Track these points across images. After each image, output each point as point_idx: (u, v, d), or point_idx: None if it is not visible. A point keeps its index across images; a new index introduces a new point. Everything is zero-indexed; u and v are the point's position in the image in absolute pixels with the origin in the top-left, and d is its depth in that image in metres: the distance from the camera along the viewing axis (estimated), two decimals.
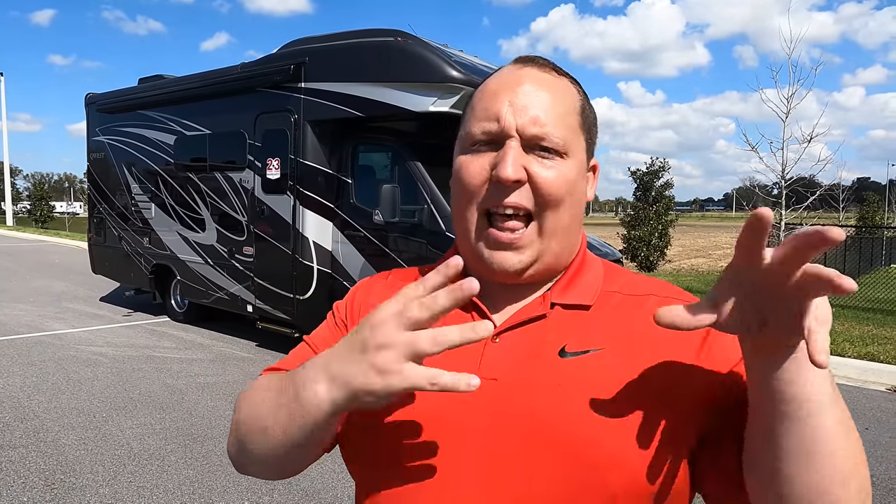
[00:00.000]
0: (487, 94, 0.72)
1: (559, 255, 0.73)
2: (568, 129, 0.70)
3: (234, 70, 6.83)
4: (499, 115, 0.68)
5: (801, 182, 10.66)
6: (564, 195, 0.69)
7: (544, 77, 0.72)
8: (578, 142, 0.72)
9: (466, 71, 5.26)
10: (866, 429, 4.61)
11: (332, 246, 6.09)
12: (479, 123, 0.70)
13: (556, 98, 0.70)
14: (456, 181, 0.73)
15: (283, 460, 0.69)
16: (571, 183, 0.70)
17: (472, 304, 0.73)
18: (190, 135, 7.37)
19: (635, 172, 17.66)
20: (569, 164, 0.70)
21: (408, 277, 0.83)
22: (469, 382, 0.53)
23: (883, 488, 3.59)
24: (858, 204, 36.04)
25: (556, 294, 0.73)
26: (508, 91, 0.70)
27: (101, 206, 9.00)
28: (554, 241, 0.71)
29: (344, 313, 0.82)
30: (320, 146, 6.06)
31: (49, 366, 5.79)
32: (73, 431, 4.17)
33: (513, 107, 0.68)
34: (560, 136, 0.69)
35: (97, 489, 3.36)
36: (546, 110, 0.69)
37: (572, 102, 0.72)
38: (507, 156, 0.67)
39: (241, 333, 7.27)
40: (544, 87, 0.70)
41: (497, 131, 0.69)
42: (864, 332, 7.67)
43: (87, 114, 9.07)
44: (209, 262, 7.21)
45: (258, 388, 0.73)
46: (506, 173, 0.66)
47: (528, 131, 0.68)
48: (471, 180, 0.70)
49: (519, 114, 0.68)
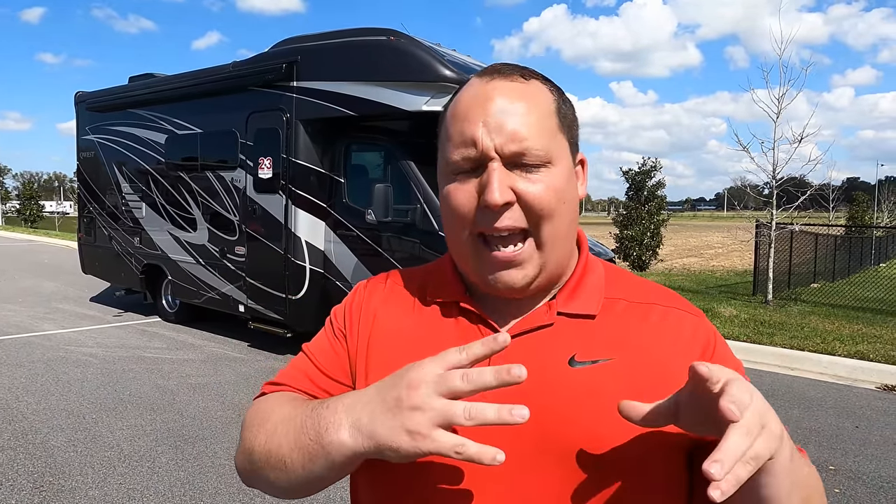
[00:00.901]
0: (459, 116, 0.69)
1: (561, 262, 0.73)
2: (548, 137, 0.68)
3: (225, 69, 6.79)
4: (475, 139, 0.66)
5: (791, 182, 10.74)
6: (556, 206, 0.68)
7: (513, 87, 0.69)
8: (561, 145, 0.70)
9: (459, 70, 5.25)
10: (856, 427, 4.65)
11: (324, 245, 6.07)
12: (457, 150, 0.68)
13: (529, 106, 0.68)
14: (445, 209, 0.72)
15: (301, 489, 0.69)
16: (561, 191, 0.69)
17: (478, 317, 0.73)
18: (181, 134, 7.32)
19: (627, 172, 17.71)
20: (555, 171, 0.68)
21: (409, 280, 0.82)
22: (495, 457, 0.54)
23: (873, 486, 3.62)
24: (848, 204, 36.32)
25: (561, 303, 0.73)
26: (480, 110, 0.67)
27: (92, 205, 8.93)
28: (554, 251, 0.71)
29: (343, 321, 0.81)
30: (313, 145, 6.04)
31: (38, 367, 5.73)
32: (63, 433, 4.13)
33: (487, 127, 0.66)
34: (541, 147, 0.67)
35: (87, 491, 3.32)
36: (522, 123, 0.66)
37: (546, 105, 0.70)
38: (491, 181, 0.66)
39: (233, 334, 7.23)
40: (516, 98, 0.68)
41: (476, 156, 0.67)
42: (854, 331, 7.73)
43: (76, 112, 8.99)
44: (201, 261, 7.17)
45: (270, 412, 0.71)
46: (493, 199, 0.65)
47: (507, 149, 0.66)
48: (460, 209, 0.69)
49: (495, 133, 0.66)
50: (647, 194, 17.45)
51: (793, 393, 5.50)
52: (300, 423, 0.64)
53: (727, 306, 9.30)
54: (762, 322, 8.23)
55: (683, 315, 0.74)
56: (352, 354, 0.77)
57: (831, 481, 3.67)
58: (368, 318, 0.78)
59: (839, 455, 4.09)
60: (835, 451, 4.16)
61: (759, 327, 7.86)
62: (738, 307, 9.40)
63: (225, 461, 3.73)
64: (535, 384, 0.67)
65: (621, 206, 18.78)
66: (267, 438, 0.68)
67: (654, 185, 17.49)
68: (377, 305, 0.80)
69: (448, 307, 0.75)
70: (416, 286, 0.81)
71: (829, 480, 3.69)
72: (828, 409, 5.05)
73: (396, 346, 0.74)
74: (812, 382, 5.95)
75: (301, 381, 0.77)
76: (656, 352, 0.69)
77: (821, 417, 4.83)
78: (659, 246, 17.77)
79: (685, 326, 0.72)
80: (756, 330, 7.67)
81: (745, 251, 14.70)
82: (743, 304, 9.86)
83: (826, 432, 4.52)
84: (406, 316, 0.77)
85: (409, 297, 0.80)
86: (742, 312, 8.90)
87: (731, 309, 9.07)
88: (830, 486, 3.61)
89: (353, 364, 0.76)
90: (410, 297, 0.80)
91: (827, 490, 3.50)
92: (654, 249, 17.54)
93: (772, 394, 5.42)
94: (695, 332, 0.72)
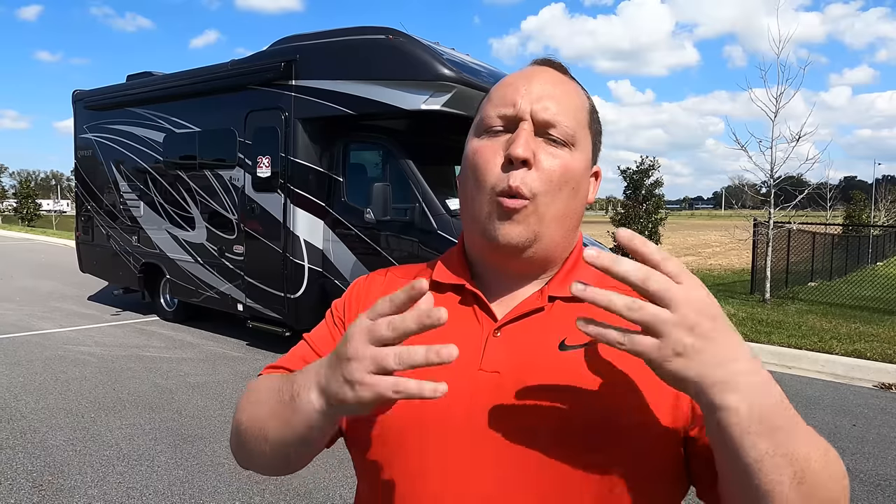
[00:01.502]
0: (504, 84, 0.76)
1: (557, 244, 0.74)
2: (577, 122, 0.74)
3: (224, 67, 6.78)
4: (514, 101, 0.72)
5: (789, 181, 10.76)
6: (564, 182, 0.71)
7: (556, 75, 0.76)
8: (586, 138, 0.75)
9: (458, 69, 5.25)
10: (854, 425, 4.67)
11: (323, 244, 6.07)
12: (496, 108, 0.74)
13: (568, 93, 0.75)
14: (469, 164, 0.75)
15: (285, 458, 0.72)
16: (574, 173, 0.72)
17: (473, 297, 0.76)
18: (179, 132, 7.31)
19: (625, 171, 17.72)
20: (575, 155, 0.73)
21: (407, 275, 0.84)
22: (435, 388, 0.54)
23: (870, 484, 3.64)
24: (845, 202, 36.37)
25: (553, 287, 0.74)
26: (524, 81, 0.74)
27: (89, 204, 8.91)
28: (552, 225, 0.72)
29: (342, 311, 0.83)
30: (311, 144, 6.04)
31: (36, 366, 5.72)
32: (61, 432, 4.13)
33: (528, 93, 0.72)
34: (569, 125, 0.72)
35: (86, 490, 3.32)
36: (558, 101, 0.73)
37: (582, 102, 0.76)
38: (519, 136, 0.70)
39: (232, 332, 7.23)
40: (557, 83, 0.75)
41: (512, 115, 0.72)
42: (851, 330, 7.75)
43: (74, 111, 8.97)
44: (199, 260, 7.16)
45: (258, 389, 0.75)
46: (516, 151, 0.69)
47: (539, 116, 0.71)
48: (485, 163, 0.73)
49: (533, 100, 0.72)
50: (644, 193, 17.47)
51: (790, 391, 5.51)
52: (280, 389, 0.67)
53: (725, 305, 9.32)
54: (760, 320, 8.25)
55: None
56: None
57: None
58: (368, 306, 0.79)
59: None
60: None
61: (756, 326, 7.88)
62: (736, 306, 9.42)
63: (224, 460, 3.73)
64: (526, 369, 0.69)
65: (619, 205, 18.79)
66: (251, 411, 0.72)
67: (651, 184, 17.51)
68: (376, 295, 0.80)
69: (448, 290, 0.78)
70: (416, 276, 0.81)
71: None
72: (825, 408, 5.06)
73: None
74: (809, 381, 5.97)
75: (299, 365, 0.78)
76: None
77: (818, 416, 4.85)
78: (657, 244, 17.80)
79: None
80: (753, 328, 7.69)
81: (743, 250, 14.73)
82: (740, 303, 9.88)
83: (823, 431, 4.51)
84: None
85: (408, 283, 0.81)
86: (740, 311, 8.92)
87: (729, 307, 9.09)
88: None
89: None
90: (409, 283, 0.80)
91: None
92: None
93: None
94: None
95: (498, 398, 0.68)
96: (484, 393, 0.68)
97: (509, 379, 0.68)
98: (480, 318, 0.74)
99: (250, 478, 3.50)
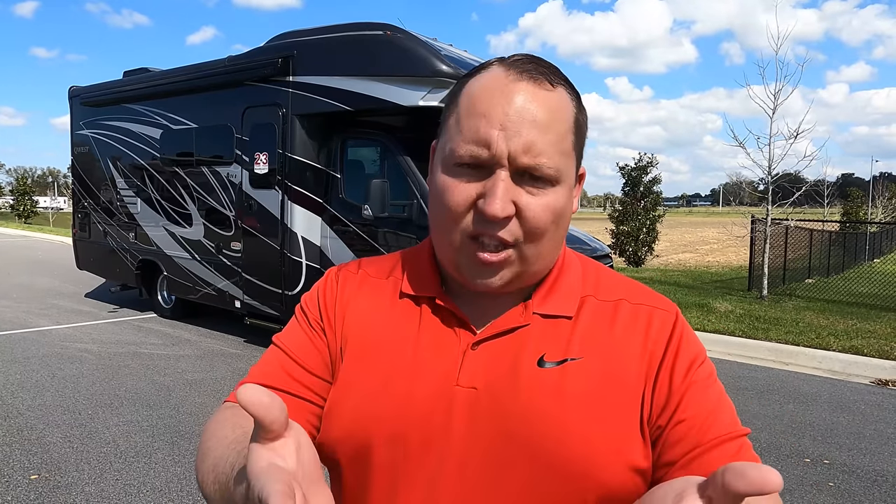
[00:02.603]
0: (476, 111, 0.65)
1: (539, 273, 0.72)
2: (561, 156, 0.66)
3: (221, 63, 6.76)
4: (489, 142, 0.63)
5: (787, 178, 10.77)
6: (549, 226, 0.67)
7: (539, 94, 0.65)
8: (570, 165, 0.68)
9: (456, 65, 5.24)
10: (851, 421, 4.68)
11: (320, 241, 6.06)
12: (467, 146, 0.64)
13: (551, 120, 0.65)
14: (438, 201, 0.68)
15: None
16: (559, 213, 0.67)
17: (452, 315, 0.72)
18: (176, 129, 7.29)
19: (623, 168, 17.72)
20: (558, 191, 0.66)
21: (382, 270, 0.80)
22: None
23: (867, 480, 3.65)
24: (843, 200, 36.47)
25: (536, 303, 0.72)
26: (500, 111, 0.63)
27: (86, 200, 8.88)
28: (535, 265, 0.70)
29: (318, 313, 0.77)
30: (309, 140, 6.02)
31: (33, 363, 5.71)
32: (59, 429, 4.12)
33: (505, 131, 0.63)
34: (553, 165, 0.64)
35: (83, 487, 3.32)
36: (540, 137, 0.63)
37: (567, 122, 0.67)
38: (496, 191, 0.63)
39: (229, 329, 7.22)
40: (540, 107, 0.64)
41: (487, 159, 0.64)
42: (848, 327, 7.77)
43: (70, 107, 8.93)
44: (196, 257, 7.15)
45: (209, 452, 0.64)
46: (494, 211, 0.63)
47: (520, 161, 0.63)
48: (456, 207, 0.66)
49: (511, 139, 0.63)
50: (643, 190, 17.46)
51: (787, 388, 5.53)
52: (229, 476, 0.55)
53: (722, 301, 9.33)
54: (757, 317, 8.27)
55: (651, 310, 0.72)
56: (332, 350, 0.75)
57: (826, 475, 3.70)
58: (342, 311, 0.76)
59: (833, 449, 4.11)
60: (829, 445, 4.19)
61: (754, 322, 7.89)
62: (734, 302, 9.43)
63: None
64: (505, 385, 0.67)
65: (617, 202, 18.77)
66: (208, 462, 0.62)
67: (650, 181, 17.50)
68: (349, 297, 0.77)
69: (423, 303, 0.74)
70: (389, 276, 0.79)
71: (823, 474, 3.71)
72: (822, 404, 5.08)
73: (371, 344, 0.73)
74: (806, 377, 5.98)
75: (279, 377, 0.73)
76: (622, 349, 0.69)
77: (815, 412, 4.86)
78: (655, 241, 17.80)
79: (653, 322, 0.71)
80: (751, 325, 7.71)
81: (741, 247, 14.74)
82: (738, 300, 9.89)
83: (820, 427, 4.54)
84: (379, 311, 0.75)
85: (382, 289, 0.77)
86: (737, 308, 8.94)
87: (727, 304, 9.11)
88: (825, 479, 3.64)
89: (334, 360, 0.74)
90: (383, 289, 0.77)
91: (821, 484, 3.54)
92: (649, 245, 17.56)
93: (766, 389, 5.45)
94: (661, 327, 0.71)
95: (474, 414, 0.66)
96: (460, 408, 0.66)
97: (486, 395, 0.66)
98: (458, 332, 0.71)
99: None
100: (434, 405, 0.67)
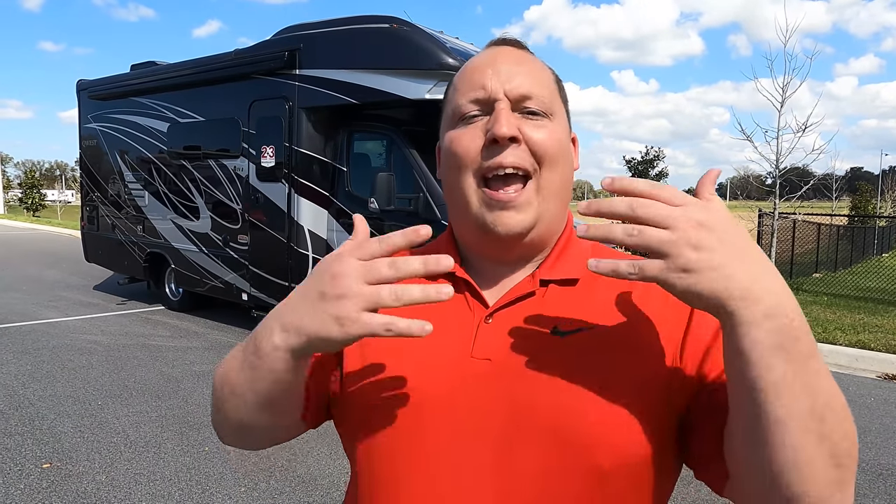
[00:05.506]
0: (468, 70, 0.73)
1: (555, 220, 0.73)
2: (550, 93, 0.73)
3: (227, 57, 6.77)
4: (484, 84, 0.70)
5: (794, 171, 10.71)
6: (559, 153, 0.70)
7: (520, 53, 0.74)
8: (560, 108, 0.74)
9: (462, 58, 5.22)
10: (857, 415, 4.67)
11: (327, 234, 6.08)
12: (465, 94, 0.71)
13: (534, 69, 0.73)
14: (447, 155, 0.73)
15: (257, 422, 0.69)
16: (562, 143, 0.71)
17: (464, 283, 0.74)
18: (183, 122, 7.31)
19: (630, 161, 17.69)
20: (556, 124, 0.72)
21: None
22: (423, 327, 0.55)
23: (872, 473, 3.65)
24: (851, 193, 36.23)
25: (544, 271, 0.73)
26: (489, 61, 0.72)
27: (94, 193, 8.94)
28: (551, 202, 0.71)
29: None
30: (315, 134, 6.03)
31: (43, 354, 5.77)
32: (69, 419, 4.18)
33: (497, 74, 0.70)
34: (545, 96, 0.71)
35: (94, 476, 3.37)
36: (527, 74, 0.71)
37: (548, 75, 0.75)
38: (500, 115, 0.68)
39: (236, 321, 7.26)
40: (521, 60, 0.73)
41: (484, 97, 0.69)
42: (855, 321, 7.74)
43: (78, 101, 8.98)
44: (203, 250, 7.19)
45: (229, 356, 0.73)
46: (501, 131, 0.67)
47: (514, 92, 0.69)
48: (465, 150, 0.70)
49: (503, 79, 0.70)
50: None
51: None
52: (245, 345, 0.66)
53: None
54: None
55: None
56: None
57: None
58: None
59: None
60: None
61: None
62: None
63: (230, 447, 3.76)
64: (519, 356, 0.67)
65: None
66: (222, 372, 0.70)
67: (656, 174, 17.47)
68: None
69: (439, 277, 0.74)
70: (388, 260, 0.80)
71: None
72: None
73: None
74: None
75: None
76: (639, 314, 0.68)
77: None
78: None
79: None
80: None
81: None
82: None
83: None
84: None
85: None
86: None
87: None
88: None
89: None
90: None
91: None
92: None
93: None
94: None
95: (489, 385, 0.66)
96: (475, 380, 0.67)
97: (500, 366, 0.67)
98: (472, 305, 0.72)
99: (256, 464, 3.54)
100: (448, 377, 0.67)
